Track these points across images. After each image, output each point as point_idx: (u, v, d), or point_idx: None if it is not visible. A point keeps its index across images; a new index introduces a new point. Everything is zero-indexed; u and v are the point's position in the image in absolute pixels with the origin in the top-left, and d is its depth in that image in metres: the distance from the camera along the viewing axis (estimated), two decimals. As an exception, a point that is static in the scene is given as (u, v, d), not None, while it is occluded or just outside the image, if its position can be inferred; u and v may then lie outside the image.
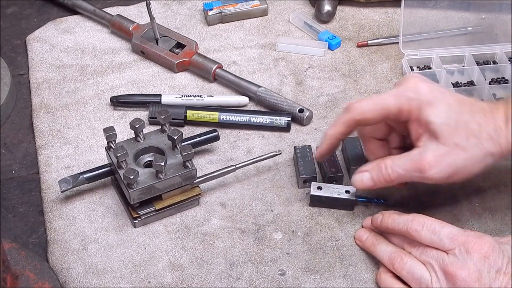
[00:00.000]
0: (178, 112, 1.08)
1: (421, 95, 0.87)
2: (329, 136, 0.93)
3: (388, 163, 0.89)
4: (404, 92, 0.88)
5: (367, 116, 0.89)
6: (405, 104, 0.87)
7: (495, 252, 0.81)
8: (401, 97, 0.88)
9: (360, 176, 0.92)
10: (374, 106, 0.89)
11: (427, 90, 0.87)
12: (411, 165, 0.87)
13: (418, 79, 0.89)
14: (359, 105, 0.89)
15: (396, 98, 0.88)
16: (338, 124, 0.91)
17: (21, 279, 0.89)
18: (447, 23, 1.15)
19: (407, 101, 0.87)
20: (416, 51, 1.15)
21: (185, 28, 1.24)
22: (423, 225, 0.85)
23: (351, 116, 0.90)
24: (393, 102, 0.88)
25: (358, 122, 0.90)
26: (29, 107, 1.12)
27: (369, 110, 0.89)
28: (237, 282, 0.91)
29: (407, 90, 0.88)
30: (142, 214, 0.95)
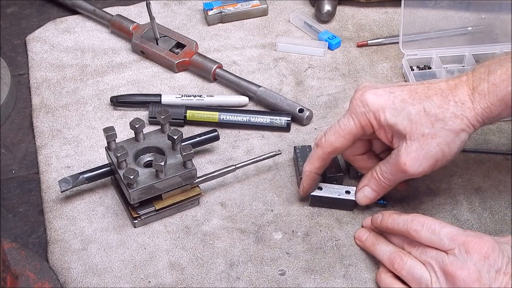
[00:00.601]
0: (178, 112, 1.08)
1: (370, 105, 0.88)
2: (308, 173, 0.95)
3: (378, 170, 0.92)
4: (355, 110, 0.89)
5: (337, 146, 0.91)
6: (362, 120, 0.89)
7: (495, 252, 0.81)
8: (356, 116, 0.89)
9: (362, 192, 0.94)
10: (339, 135, 0.90)
11: (374, 98, 0.88)
12: (393, 169, 0.89)
13: (361, 91, 0.89)
14: (325, 139, 0.92)
15: (352, 119, 0.89)
16: (312, 160, 0.94)
17: (21, 279, 0.89)
18: (447, 23, 1.15)
19: (363, 116, 0.89)
20: (416, 51, 1.15)
21: (185, 28, 1.24)
22: (423, 225, 0.85)
23: (322, 151, 0.92)
24: (352, 124, 0.89)
25: (331, 154, 0.93)
26: (29, 107, 1.12)
27: (336, 140, 0.91)
28: (237, 282, 0.91)
29: (357, 106, 0.89)
30: (142, 214, 0.95)
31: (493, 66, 0.86)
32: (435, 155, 0.87)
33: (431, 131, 0.86)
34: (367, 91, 0.89)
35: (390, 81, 1.15)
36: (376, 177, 0.92)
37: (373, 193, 0.94)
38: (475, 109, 0.86)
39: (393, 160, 0.89)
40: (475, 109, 0.86)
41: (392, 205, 0.99)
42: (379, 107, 0.87)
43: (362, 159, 0.96)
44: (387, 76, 1.16)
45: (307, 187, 0.96)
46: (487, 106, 0.85)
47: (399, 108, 0.87)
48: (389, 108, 0.87)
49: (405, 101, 0.87)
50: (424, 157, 0.87)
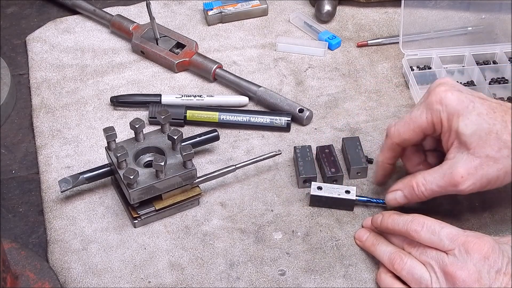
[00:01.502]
0: (178, 112, 1.08)
1: (448, 106, 0.86)
2: (380, 163, 0.95)
3: (420, 180, 0.89)
4: (432, 105, 0.87)
5: (405, 137, 0.90)
6: (435, 117, 0.87)
7: (495, 252, 0.81)
8: (430, 111, 0.87)
9: (393, 195, 0.93)
10: (408, 127, 0.89)
11: (455, 100, 0.86)
12: (443, 181, 0.87)
13: (445, 87, 0.87)
14: (395, 129, 0.91)
15: (425, 113, 0.88)
16: (383, 150, 0.94)
17: (21, 279, 0.89)
18: (447, 23, 1.15)
19: (437, 114, 0.87)
20: (416, 51, 1.15)
21: (185, 28, 1.24)
22: (422, 225, 0.85)
23: (391, 141, 0.92)
24: (424, 118, 0.88)
25: (400, 144, 0.92)
26: (29, 107, 1.12)
27: (405, 132, 0.90)
28: (237, 282, 0.91)
29: (434, 102, 0.87)
30: (142, 214, 0.95)
31: None
32: (491, 179, 0.85)
33: (496, 155, 0.84)
34: (451, 90, 0.86)
35: (390, 81, 1.15)
36: (414, 186, 0.90)
37: (404, 199, 0.92)
38: None
39: (446, 170, 0.87)
40: None
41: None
42: (455, 111, 0.85)
43: (411, 150, 0.94)
44: (387, 76, 1.16)
45: (380, 178, 0.96)
46: None
47: (474, 121, 0.85)
48: (465, 116, 0.85)
49: (481, 116, 0.85)
50: (481, 177, 0.85)
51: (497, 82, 1.13)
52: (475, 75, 1.13)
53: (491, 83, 1.13)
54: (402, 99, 1.13)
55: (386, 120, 1.09)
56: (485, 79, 1.12)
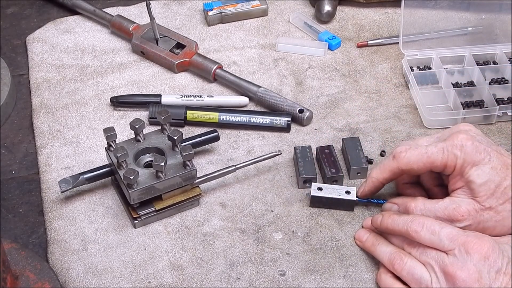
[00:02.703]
0: (178, 113, 1.08)
1: (467, 154, 0.88)
2: (374, 180, 0.95)
3: (419, 206, 0.90)
4: (451, 149, 0.89)
5: (413, 167, 0.91)
6: (451, 161, 0.88)
7: (495, 252, 0.81)
8: (448, 154, 0.89)
9: (390, 206, 0.94)
10: (421, 159, 0.90)
11: (474, 150, 0.88)
12: (443, 213, 0.88)
13: (466, 136, 0.89)
14: (406, 156, 0.91)
15: (443, 154, 0.89)
16: (384, 170, 0.93)
17: (21, 279, 0.89)
18: (447, 23, 1.15)
19: (453, 158, 0.88)
20: (416, 51, 1.15)
21: (185, 28, 1.24)
22: (422, 225, 0.85)
23: (397, 165, 0.91)
24: (440, 158, 0.89)
25: (404, 172, 0.92)
26: (29, 107, 1.12)
27: (416, 162, 0.90)
28: (237, 283, 0.91)
29: (454, 146, 0.88)
30: (142, 214, 0.95)
31: None
32: (487, 227, 0.88)
33: (499, 208, 0.87)
34: (472, 140, 0.88)
35: (391, 81, 1.15)
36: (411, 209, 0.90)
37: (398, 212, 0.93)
38: None
39: (448, 205, 0.88)
40: None
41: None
42: (472, 160, 0.87)
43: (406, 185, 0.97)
44: (387, 76, 1.16)
45: (367, 193, 0.96)
46: None
47: (487, 172, 0.87)
48: (479, 168, 0.87)
49: (495, 169, 0.87)
50: (478, 222, 0.88)
51: (497, 82, 1.13)
52: (475, 75, 1.13)
53: (491, 84, 1.13)
54: (402, 99, 1.13)
55: (386, 120, 1.09)
56: (485, 80, 1.12)
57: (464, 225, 0.87)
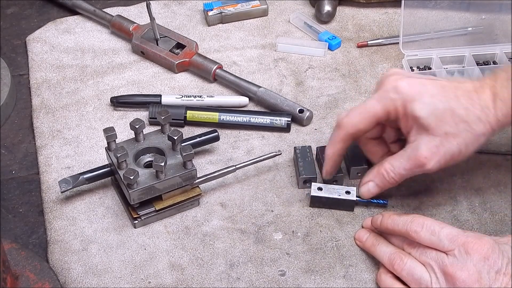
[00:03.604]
0: (178, 113, 1.08)
1: (402, 93, 0.88)
2: (330, 155, 0.95)
3: (388, 167, 0.92)
4: (385, 94, 0.89)
5: (359, 127, 0.91)
6: (390, 106, 0.89)
7: (495, 252, 0.81)
8: (384, 100, 0.89)
9: (366, 187, 0.95)
10: (363, 116, 0.90)
11: (407, 86, 0.88)
12: (409, 164, 0.90)
13: (396, 76, 0.90)
14: (348, 119, 0.91)
15: (380, 103, 0.90)
16: (334, 142, 0.94)
17: (21, 279, 0.89)
18: (447, 23, 1.15)
19: (391, 102, 0.89)
20: (416, 52, 1.15)
21: (185, 28, 1.24)
22: (422, 226, 0.85)
23: (344, 132, 0.92)
24: (379, 107, 0.90)
25: (353, 136, 0.92)
26: (29, 107, 1.12)
27: (359, 121, 0.91)
28: (237, 283, 0.91)
29: (388, 91, 0.89)
30: (142, 214, 0.95)
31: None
32: (453, 154, 0.88)
33: (454, 131, 0.87)
34: (402, 78, 0.89)
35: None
36: (385, 173, 0.92)
37: (377, 188, 0.94)
38: (496, 115, 0.87)
39: (410, 153, 0.89)
40: (496, 115, 0.87)
41: (392, 205, 0.99)
42: (410, 97, 0.88)
43: (373, 144, 0.97)
44: (387, 76, 1.16)
45: (331, 170, 0.97)
46: (507, 113, 0.87)
47: (428, 103, 0.87)
48: (419, 101, 0.88)
49: (434, 97, 0.87)
50: (444, 154, 0.88)
51: (497, 82, 1.13)
52: (475, 75, 1.13)
53: (491, 84, 1.13)
54: (402, 99, 1.13)
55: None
56: (485, 80, 1.12)
57: (433, 164, 0.88)
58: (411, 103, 0.88)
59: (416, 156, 0.89)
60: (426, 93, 0.88)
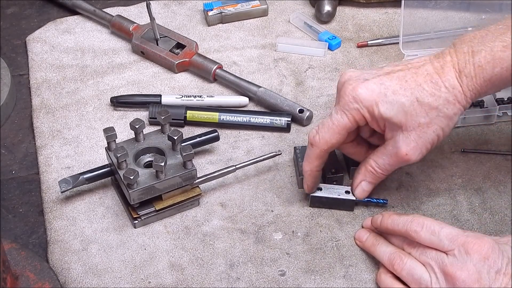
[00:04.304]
0: (178, 113, 1.08)
1: (363, 101, 0.88)
2: (309, 172, 0.95)
3: (373, 164, 0.93)
4: (347, 106, 0.89)
5: (332, 143, 0.91)
6: (356, 115, 0.89)
7: (495, 252, 0.81)
8: (348, 111, 0.89)
9: (360, 187, 0.96)
10: (332, 131, 0.90)
11: (366, 92, 0.87)
12: (393, 160, 0.91)
13: (352, 84, 0.88)
14: (320, 137, 0.91)
15: (345, 115, 0.89)
16: (310, 160, 0.93)
17: (21, 279, 0.89)
18: (447, 24, 1.15)
19: (356, 112, 0.88)
20: (416, 52, 1.15)
21: (185, 28, 1.24)
22: (422, 225, 0.85)
23: (318, 149, 0.92)
24: (346, 120, 0.89)
25: (328, 150, 0.92)
26: (29, 107, 1.12)
27: (331, 137, 0.91)
28: (237, 283, 0.91)
29: (349, 102, 0.88)
30: (142, 214, 0.95)
31: (476, 46, 0.86)
32: (432, 141, 0.88)
33: (427, 120, 0.87)
34: (358, 85, 0.88)
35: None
36: (372, 171, 0.93)
37: (370, 185, 0.95)
38: (464, 92, 0.87)
39: (391, 151, 0.90)
40: (464, 92, 0.87)
41: (392, 205, 0.99)
42: (372, 101, 0.87)
43: (351, 146, 0.96)
44: (387, 76, 1.16)
45: (312, 185, 0.96)
46: (474, 88, 0.87)
47: (392, 101, 0.87)
48: (383, 102, 0.87)
49: (397, 93, 0.87)
50: (423, 144, 0.88)
51: (497, 82, 1.13)
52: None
53: (491, 84, 1.13)
54: (402, 99, 1.12)
55: (386, 120, 1.09)
56: (485, 80, 1.12)
57: (416, 157, 0.88)
58: (376, 106, 0.87)
59: (397, 154, 0.89)
60: (387, 91, 0.87)
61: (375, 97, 0.87)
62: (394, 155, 0.90)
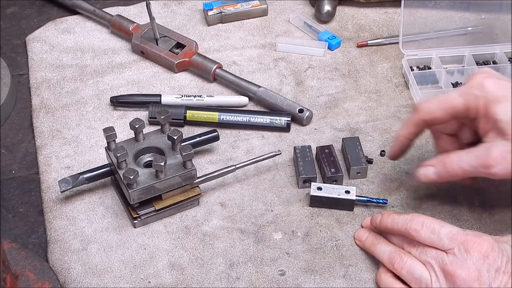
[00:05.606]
0: (178, 112, 1.08)
1: (487, 92, 0.85)
2: (401, 137, 0.93)
3: (454, 157, 0.88)
4: (470, 90, 0.86)
5: (435, 115, 0.89)
6: (472, 102, 0.86)
7: (495, 251, 0.81)
8: (467, 95, 0.86)
9: (425, 170, 0.91)
10: (441, 105, 0.88)
11: (494, 87, 0.85)
12: (477, 161, 0.86)
13: (485, 75, 0.87)
14: (426, 105, 0.89)
15: (462, 97, 0.87)
16: (408, 125, 0.91)
17: (21, 279, 0.89)
18: (447, 23, 1.15)
19: (474, 99, 0.86)
20: (416, 51, 1.15)
21: (185, 28, 1.24)
22: (422, 224, 0.85)
23: (419, 116, 0.90)
24: (460, 101, 0.87)
25: (427, 122, 0.90)
26: (29, 107, 1.12)
27: (437, 109, 0.88)
28: (237, 282, 0.91)
29: (473, 87, 0.86)
30: (142, 214, 0.95)
31: None
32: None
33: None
34: (491, 77, 0.86)
35: (390, 81, 1.15)
36: (448, 163, 0.88)
37: (435, 176, 0.90)
38: None
39: (481, 152, 0.86)
40: None
41: (392, 205, 0.99)
42: (494, 97, 0.85)
43: (446, 140, 0.93)
44: (387, 76, 1.16)
45: (397, 152, 0.94)
46: None
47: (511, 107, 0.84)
48: (503, 103, 0.84)
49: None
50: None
51: (497, 82, 1.13)
52: (475, 75, 1.13)
53: (491, 83, 1.13)
54: (402, 99, 1.13)
55: (386, 120, 1.09)
56: (485, 79, 1.12)
57: (500, 169, 0.84)
58: (494, 104, 0.85)
59: (486, 156, 0.85)
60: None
61: (499, 95, 0.84)
62: (482, 157, 0.85)
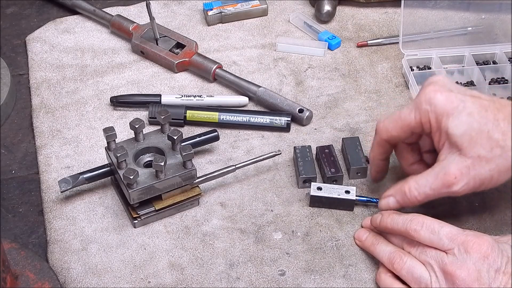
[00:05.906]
0: (178, 112, 1.08)
1: (437, 106, 0.85)
2: (372, 159, 0.95)
3: (412, 185, 0.88)
4: (420, 105, 0.86)
5: (392, 134, 0.90)
6: (424, 117, 0.86)
7: (494, 251, 0.81)
8: (417, 110, 0.87)
9: (386, 201, 0.92)
10: (396, 124, 0.89)
11: (443, 101, 0.85)
12: (436, 182, 0.86)
13: (435, 87, 0.86)
14: (383, 125, 0.91)
15: (413, 112, 0.87)
16: (373, 147, 0.94)
17: (21, 279, 0.89)
18: (447, 23, 1.15)
19: (425, 114, 0.86)
20: (416, 51, 1.15)
21: (185, 28, 1.24)
22: (422, 224, 0.85)
23: (379, 137, 0.92)
24: (412, 117, 0.87)
25: (388, 141, 0.91)
26: (29, 107, 1.12)
27: (393, 128, 0.90)
28: (237, 282, 0.91)
29: (423, 102, 0.86)
30: (142, 214, 0.95)
31: None
32: (484, 179, 0.84)
33: (488, 155, 0.83)
34: (440, 91, 0.85)
35: (390, 81, 1.15)
36: (407, 191, 0.89)
37: (397, 204, 0.91)
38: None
39: (438, 172, 0.85)
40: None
41: (392, 205, 0.99)
42: (444, 112, 0.84)
43: (406, 149, 0.94)
44: (387, 76, 1.16)
45: (374, 174, 0.96)
46: None
47: (463, 121, 0.83)
48: (454, 117, 0.84)
49: (472, 116, 0.83)
50: (474, 177, 0.84)
51: (497, 82, 1.13)
52: (475, 75, 1.13)
53: (491, 83, 1.13)
54: (402, 99, 1.13)
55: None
56: (485, 79, 1.12)
57: (462, 186, 0.84)
58: (445, 118, 0.84)
59: (445, 175, 0.85)
60: (464, 110, 0.84)
61: (449, 109, 0.84)
62: (441, 176, 0.85)
